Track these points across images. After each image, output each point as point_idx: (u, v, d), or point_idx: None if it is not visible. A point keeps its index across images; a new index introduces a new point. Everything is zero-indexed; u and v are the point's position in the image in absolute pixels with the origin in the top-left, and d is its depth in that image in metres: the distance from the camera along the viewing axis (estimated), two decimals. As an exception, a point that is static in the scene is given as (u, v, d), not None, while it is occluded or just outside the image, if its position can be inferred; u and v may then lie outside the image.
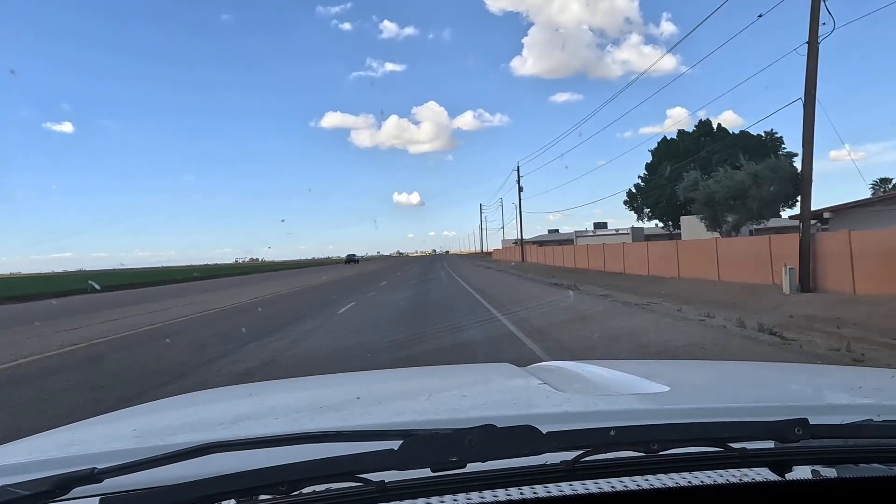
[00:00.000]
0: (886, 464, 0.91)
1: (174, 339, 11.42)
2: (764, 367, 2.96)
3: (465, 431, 0.82)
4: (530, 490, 0.87)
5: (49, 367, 8.84)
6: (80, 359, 9.62)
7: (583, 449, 0.85)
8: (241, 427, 1.43)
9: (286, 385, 2.61)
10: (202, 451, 0.86)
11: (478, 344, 9.27)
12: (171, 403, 2.09)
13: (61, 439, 1.43)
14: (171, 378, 7.42)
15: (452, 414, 1.39)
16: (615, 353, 8.11)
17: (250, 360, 8.52)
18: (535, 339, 9.26)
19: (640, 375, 1.69)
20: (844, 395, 1.53)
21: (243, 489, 0.78)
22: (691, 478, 0.91)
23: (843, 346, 7.64)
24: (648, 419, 1.24)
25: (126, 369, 8.39)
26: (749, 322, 9.80)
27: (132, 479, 0.87)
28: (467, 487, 0.84)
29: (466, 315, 13.31)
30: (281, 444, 0.90)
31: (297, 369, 7.56)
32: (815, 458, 0.91)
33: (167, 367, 8.28)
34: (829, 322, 9.96)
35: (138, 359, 9.27)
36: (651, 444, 0.85)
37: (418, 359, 7.99)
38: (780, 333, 8.81)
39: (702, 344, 8.39)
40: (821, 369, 3.36)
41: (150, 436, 1.33)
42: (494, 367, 3.10)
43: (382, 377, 2.63)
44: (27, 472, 1.01)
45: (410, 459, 0.79)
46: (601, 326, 10.55)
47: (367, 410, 1.57)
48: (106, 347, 10.74)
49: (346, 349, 9.26)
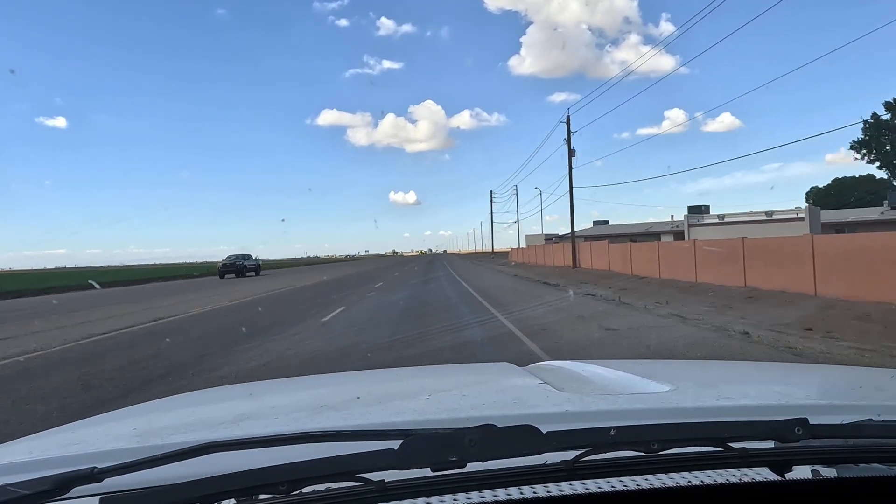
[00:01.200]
0: (886, 464, 0.91)
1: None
2: (764, 366, 2.96)
3: (465, 431, 0.82)
4: (530, 490, 0.87)
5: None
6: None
7: (583, 449, 0.85)
8: (241, 427, 1.43)
9: (286, 385, 2.61)
10: (202, 450, 0.86)
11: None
12: (171, 403, 2.09)
13: (61, 439, 1.43)
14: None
15: (452, 413, 1.39)
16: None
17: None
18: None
19: (640, 375, 1.69)
20: (844, 395, 1.53)
21: (243, 489, 0.78)
22: (691, 478, 0.91)
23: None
24: (648, 419, 1.24)
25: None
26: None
27: (132, 479, 0.87)
28: (467, 487, 0.84)
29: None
30: (281, 444, 0.90)
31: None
32: (815, 458, 0.91)
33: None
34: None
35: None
36: (651, 444, 0.85)
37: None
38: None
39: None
40: (821, 369, 3.36)
41: (150, 435, 1.33)
42: (494, 366, 3.10)
43: (382, 377, 2.63)
44: (27, 471, 1.01)
45: (410, 459, 0.79)
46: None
47: (367, 410, 1.57)
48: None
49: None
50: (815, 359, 7.45)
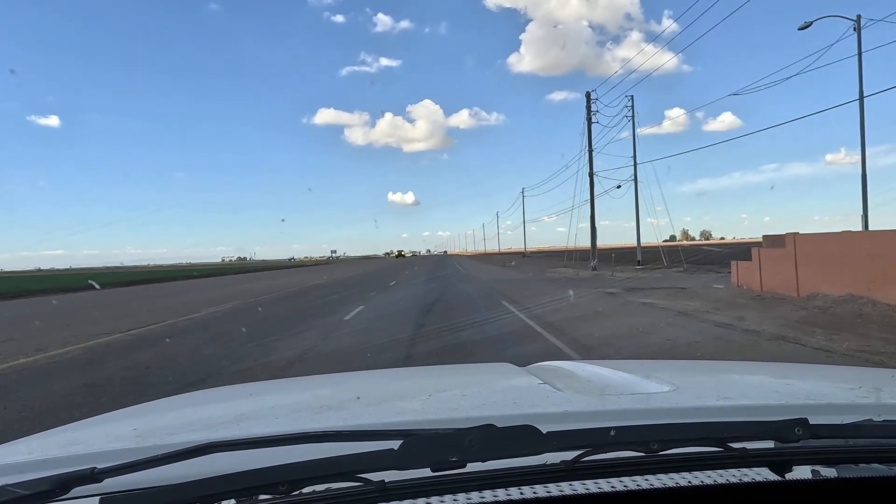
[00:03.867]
0: (886, 464, 0.91)
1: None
2: (764, 366, 2.96)
3: (466, 431, 0.82)
4: (530, 490, 0.87)
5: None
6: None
7: (583, 449, 0.85)
8: (241, 427, 1.43)
9: (286, 385, 2.62)
10: (202, 450, 0.86)
11: None
12: (171, 403, 2.09)
13: (61, 439, 1.43)
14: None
15: (452, 414, 1.39)
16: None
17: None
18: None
19: (640, 375, 1.69)
20: (844, 395, 1.53)
21: (243, 489, 0.78)
22: (691, 478, 0.91)
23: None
24: (648, 419, 1.24)
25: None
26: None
27: (132, 479, 0.87)
28: (467, 487, 0.84)
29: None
30: (281, 444, 0.90)
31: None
32: (815, 458, 0.91)
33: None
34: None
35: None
36: (651, 444, 0.85)
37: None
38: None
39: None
40: (821, 369, 3.36)
41: (150, 435, 1.33)
42: (494, 366, 3.10)
43: (382, 377, 2.63)
44: (27, 471, 1.01)
45: (410, 459, 0.79)
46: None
47: (367, 410, 1.58)
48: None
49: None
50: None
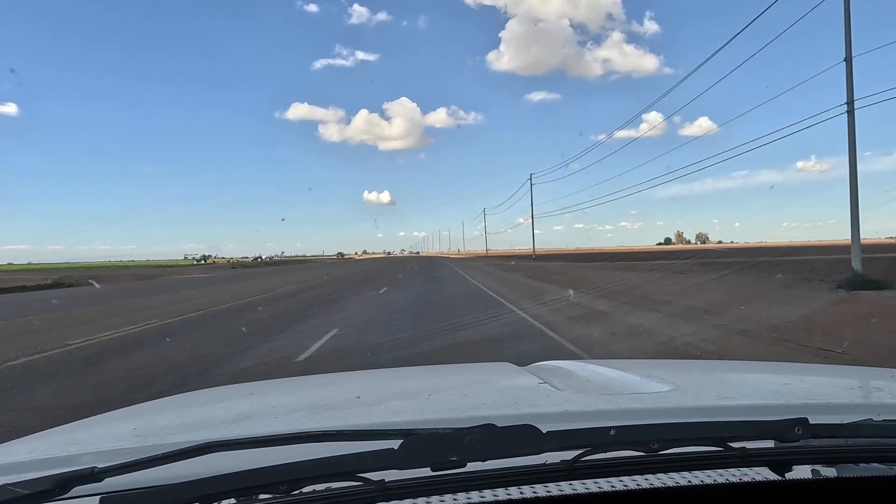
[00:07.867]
0: (886, 463, 0.91)
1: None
2: (764, 366, 2.96)
3: (466, 431, 0.82)
4: (530, 489, 0.87)
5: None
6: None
7: (583, 448, 0.85)
8: (241, 426, 1.43)
9: (286, 384, 2.62)
10: (202, 450, 0.86)
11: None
12: (171, 403, 2.09)
13: (61, 438, 1.43)
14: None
15: (452, 413, 1.39)
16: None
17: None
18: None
19: (640, 375, 1.69)
20: (844, 395, 1.53)
21: (243, 488, 0.78)
22: (691, 477, 0.91)
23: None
24: (648, 419, 1.24)
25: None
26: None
27: (132, 479, 0.87)
28: (467, 487, 0.84)
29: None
30: (281, 444, 0.90)
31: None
32: (815, 458, 0.91)
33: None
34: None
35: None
36: (651, 444, 0.85)
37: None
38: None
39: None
40: (821, 369, 3.36)
41: (150, 435, 1.33)
42: (494, 366, 3.10)
43: (382, 376, 2.63)
44: (27, 471, 1.01)
45: (410, 459, 0.80)
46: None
47: (367, 410, 1.58)
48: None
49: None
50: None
